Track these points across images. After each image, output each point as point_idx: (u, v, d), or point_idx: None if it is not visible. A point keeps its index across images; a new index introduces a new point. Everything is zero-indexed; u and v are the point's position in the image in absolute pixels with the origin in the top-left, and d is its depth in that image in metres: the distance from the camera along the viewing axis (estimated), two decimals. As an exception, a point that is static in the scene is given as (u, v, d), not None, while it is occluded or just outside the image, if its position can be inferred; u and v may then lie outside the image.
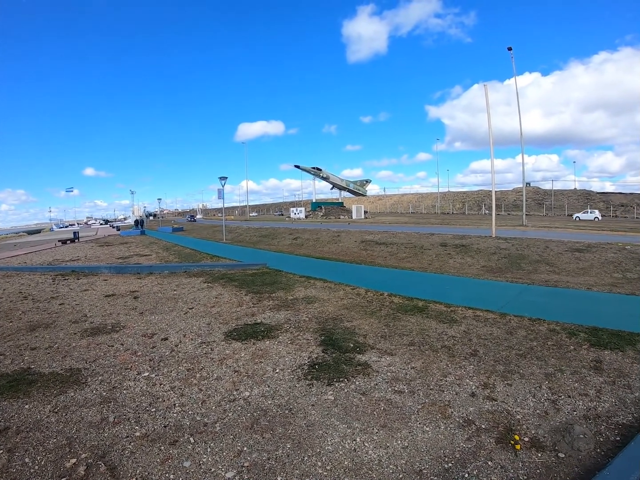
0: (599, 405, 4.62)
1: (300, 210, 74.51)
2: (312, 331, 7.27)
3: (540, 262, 15.90)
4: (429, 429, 4.14)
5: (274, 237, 30.51)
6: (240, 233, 36.26)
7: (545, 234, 25.00)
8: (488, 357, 6.02)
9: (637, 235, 23.92)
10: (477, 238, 21.34)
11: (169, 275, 13.93)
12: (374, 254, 20.39)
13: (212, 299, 10.08)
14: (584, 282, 12.01)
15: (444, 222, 46.97)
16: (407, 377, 5.32)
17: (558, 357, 5.97)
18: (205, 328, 7.66)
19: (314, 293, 10.35)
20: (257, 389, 5.07)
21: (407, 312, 8.37)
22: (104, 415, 4.51)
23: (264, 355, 6.21)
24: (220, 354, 6.34)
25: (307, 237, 27.78)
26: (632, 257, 15.22)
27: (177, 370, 5.74)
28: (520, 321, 7.66)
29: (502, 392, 4.90)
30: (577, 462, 3.64)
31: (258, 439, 3.97)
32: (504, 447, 3.84)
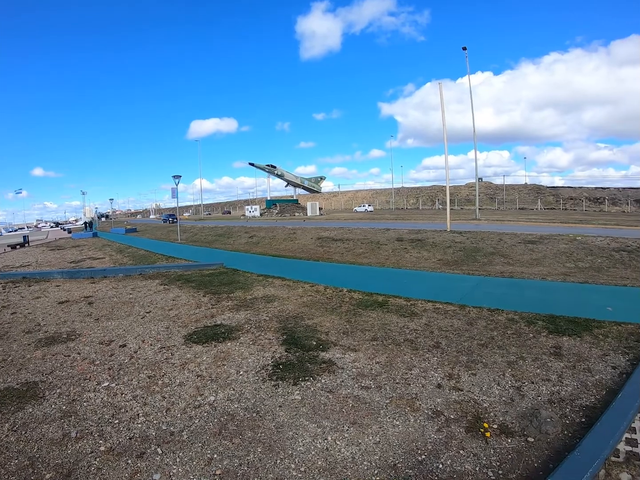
0: (562, 389, 4.96)
1: (255, 209, 74.50)
2: (273, 330, 7.36)
3: (495, 254, 16.56)
4: (399, 423, 4.29)
5: (230, 236, 30.27)
6: (195, 233, 35.68)
7: (498, 227, 25.92)
8: (451, 348, 6.32)
9: (587, 227, 25.26)
10: (433, 232, 21.97)
11: (124, 279, 13.65)
12: (330, 251, 20.62)
13: (169, 301, 9.99)
14: (539, 272, 12.65)
15: (398, 217, 47.88)
16: (373, 373, 5.47)
17: (519, 345, 6.34)
18: (164, 332, 7.59)
19: (273, 292, 10.46)
20: (222, 392, 5.09)
21: (367, 308, 8.61)
22: (66, 431, 4.40)
23: (227, 357, 6.24)
24: (182, 358, 6.30)
25: (263, 235, 27.76)
26: (583, 247, 16.12)
27: (138, 378, 5.67)
28: (479, 312, 8.05)
29: (467, 382, 5.17)
30: (547, 445, 3.91)
31: (228, 445, 3.99)
32: (475, 436, 4.06)
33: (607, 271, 13.22)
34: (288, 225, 32.98)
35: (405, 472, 3.55)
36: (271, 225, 34.39)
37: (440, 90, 25.47)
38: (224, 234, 31.84)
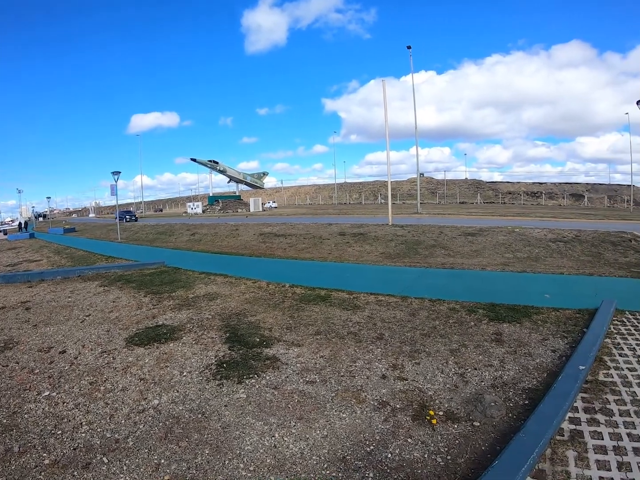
0: (504, 374, 5.14)
1: (197, 205, 73.28)
2: (216, 329, 7.24)
3: (436, 247, 16.97)
4: (345, 416, 4.32)
5: (171, 233, 29.54)
6: (135, 231, 34.54)
7: (439, 220, 26.68)
8: (394, 339, 6.41)
9: (524, 220, 26.37)
10: (375, 226, 22.25)
11: (63, 281, 13.01)
12: (273, 246, 20.54)
13: (109, 303, 9.60)
14: (479, 263, 13.12)
15: (341, 212, 48.44)
16: (317, 367, 5.50)
17: (460, 334, 6.54)
18: (105, 336, 7.28)
19: (215, 289, 10.32)
20: (166, 395, 4.95)
21: (310, 302, 8.63)
22: (8, 446, 4.08)
23: (169, 358, 6.06)
24: (123, 362, 6.05)
25: (205, 233, 27.32)
26: (521, 238, 16.83)
27: (80, 385, 5.37)
28: (421, 303, 8.22)
29: (411, 372, 5.27)
30: (493, 428, 4.03)
31: (174, 449, 3.90)
32: (421, 424, 4.13)
33: (545, 260, 13.86)
34: (230, 222, 32.65)
35: (355, 464, 3.57)
36: (213, 222, 34.00)
37: (383, 88, 25.88)
38: (165, 232, 31.06)
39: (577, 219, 29.58)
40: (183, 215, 63.99)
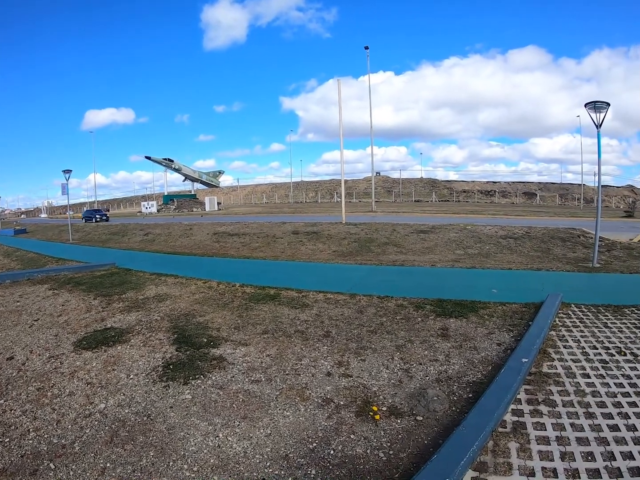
0: (449, 368, 5.22)
1: (151, 205, 71.44)
2: (164, 330, 7.17)
3: (389, 244, 17.20)
4: (289, 414, 4.34)
5: (124, 234, 28.84)
6: (88, 232, 33.52)
7: (393, 218, 27.06)
8: (340, 336, 6.45)
9: (477, 217, 27.00)
10: (328, 225, 22.40)
11: (11, 285, 12.45)
12: (226, 246, 20.46)
13: (58, 307, 9.26)
14: (429, 259, 13.34)
15: (297, 210, 48.60)
16: (263, 366, 5.52)
17: (407, 329, 6.62)
18: (53, 340, 7.01)
19: (165, 290, 10.15)
20: (113, 399, 4.87)
21: (259, 301, 8.60)
22: None
23: (117, 361, 5.93)
24: (71, 366, 5.86)
25: (158, 232, 26.86)
26: (473, 235, 17.27)
27: (27, 391, 5.20)
28: (369, 300, 8.29)
29: (356, 368, 5.31)
30: (436, 422, 4.09)
31: (120, 452, 3.88)
32: (364, 420, 4.15)
33: (495, 256, 14.25)
34: (185, 221, 32.29)
35: (297, 462, 3.59)
36: (167, 222, 33.47)
37: (338, 88, 26.32)
38: (118, 232, 30.36)
39: (529, 217, 30.54)
40: (137, 215, 62.65)
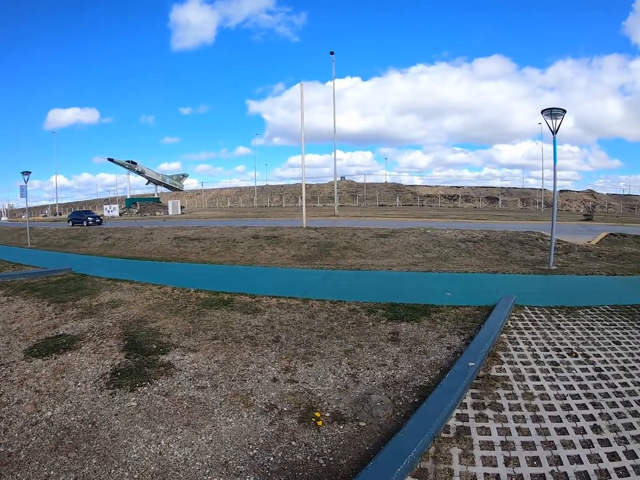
0: (397, 372, 5.19)
1: (113, 208, 69.62)
2: (115, 337, 7.05)
3: (348, 248, 17.28)
4: (232, 420, 4.31)
5: (84, 238, 28.23)
6: (48, 236, 32.60)
7: (355, 222, 27.27)
8: (290, 341, 6.38)
9: (439, 221, 27.36)
10: (289, 229, 22.45)
11: None
12: (187, 250, 20.34)
13: (12, 314, 8.96)
14: (387, 263, 13.40)
15: (260, 215, 48.74)
16: (210, 372, 5.47)
17: (357, 334, 6.58)
18: (4, 348, 6.82)
19: (120, 296, 9.96)
20: (60, 406, 4.79)
21: (212, 307, 8.52)
22: None
23: (66, 369, 5.80)
24: (21, 374, 5.73)
25: (118, 237, 26.34)
26: (432, 239, 17.50)
27: None
28: (322, 304, 8.25)
29: (303, 374, 5.26)
30: (379, 427, 4.04)
31: (64, 460, 3.82)
32: (307, 426, 4.10)
33: (453, 260, 14.45)
34: (146, 226, 31.83)
35: (237, 469, 3.57)
36: (128, 226, 32.94)
37: (301, 92, 26.70)
38: (78, 236, 29.74)
39: (490, 220, 31.17)
40: None
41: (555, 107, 11.71)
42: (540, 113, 11.91)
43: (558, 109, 11.70)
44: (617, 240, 19.45)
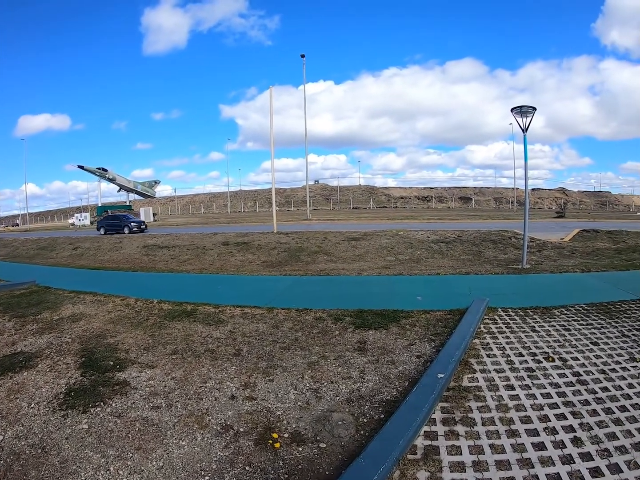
0: (362, 386, 4.88)
1: (85, 217, 68.18)
2: (73, 353, 6.72)
3: (319, 253, 17.11)
4: (184, 443, 4.07)
5: (53, 248, 27.67)
6: (16, 247, 31.81)
7: (328, 226, 27.26)
8: (251, 355, 6.08)
9: (412, 222, 27.41)
10: (260, 234, 22.27)
11: None
12: (155, 259, 20.04)
13: None
14: (358, 267, 13.19)
15: (232, 220, 48.41)
16: (166, 390, 5.22)
17: (323, 344, 6.28)
18: None
19: (82, 309, 9.61)
20: (11, 430, 4.53)
21: (174, 319, 8.22)
22: None
23: (21, 389, 5.51)
24: None
25: (88, 246, 25.88)
26: (404, 241, 17.42)
27: None
28: (287, 313, 7.95)
29: (262, 390, 4.98)
30: (341, 449, 3.75)
31: None
32: (263, 448, 3.83)
33: (426, 261, 14.36)
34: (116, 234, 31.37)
35: None
36: (98, 235, 32.54)
37: (270, 95, 26.67)
38: (47, 246, 29.13)
39: (463, 220, 31.47)
40: (70, 228, 60.47)
41: (524, 105, 11.61)
42: (510, 111, 11.83)
43: (528, 107, 11.66)
44: (590, 236, 19.69)
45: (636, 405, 4.16)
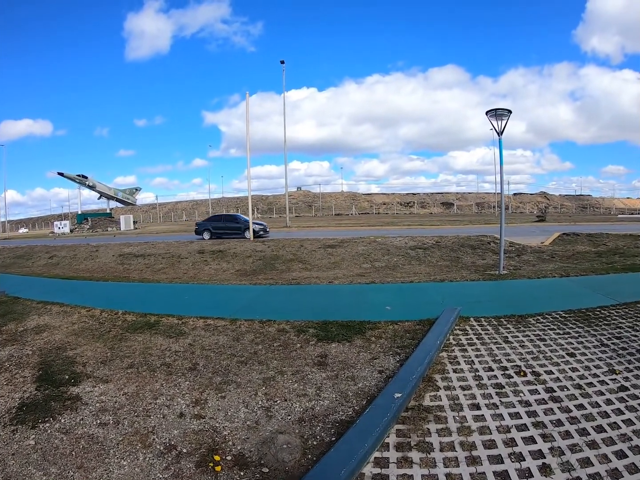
0: (317, 404, 4.62)
1: (64, 224, 67.43)
2: (32, 366, 6.56)
3: (294, 261, 16.93)
4: (126, 463, 3.91)
5: (30, 257, 27.30)
6: None
7: (307, 233, 27.15)
8: (207, 369, 5.85)
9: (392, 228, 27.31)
10: (236, 242, 22.13)
11: None
12: (130, 268, 19.80)
13: None
14: (333, 275, 13.00)
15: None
16: (116, 406, 5.05)
17: (282, 358, 6.02)
18: None
19: (47, 320, 9.42)
20: None
21: (136, 331, 8.01)
22: None
23: None
24: None
25: (64, 255, 25.55)
26: (381, 248, 17.28)
27: None
28: (250, 325, 7.70)
29: (213, 407, 4.78)
30: (284, 474, 3.52)
31: None
32: (204, 471, 3.66)
33: (402, 268, 14.19)
34: (93, 242, 30.94)
35: None
36: (76, 243, 31.87)
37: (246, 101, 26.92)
38: (23, 255, 28.67)
39: (444, 226, 31.67)
40: (49, 236, 59.83)
41: (499, 107, 11.42)
42: (485, 114, 11.65)
43: (503, 110, 11.50)
44: (570, 240, 19.79)
45: (614, 424, 3.84)
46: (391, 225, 31.65)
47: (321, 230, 29.40)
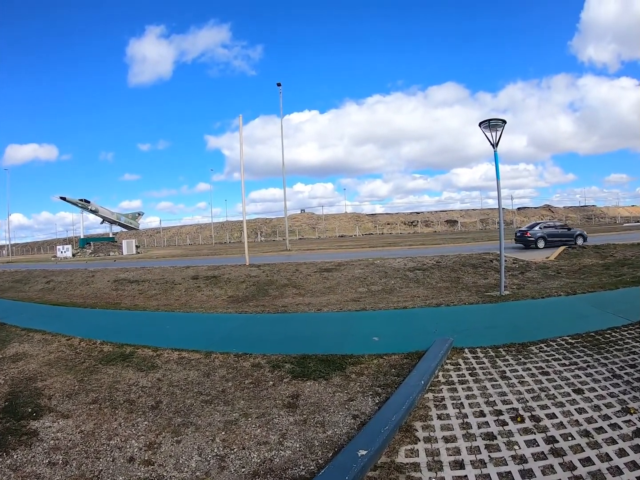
0: (278, 454, 4.17)
1: (66, 249, 68.19)
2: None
3: (288, 286, 16.58)
4: None
5: (27, 281, 27.45)
6: None
7: (307, 256, 26.80)
8: (170, 408, 5.61)
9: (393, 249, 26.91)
10: (231, 267, 21.82)
11: None
12: (124, 294, 19.57)
13: None
14: (326, 301, 12.61)
15: (214, 252, 48.42)
16: (70, 444, 4.86)
17: (250, 398, 5.62)
18: None
19: (26, 348, 9.39)
20: None
21: (109, 363, 7.82)
22: None
23: None
24: None
25: (60, 280, 25.51)
26: (379, 270, 16.88)
27: None
28: (225, 359, 7.30)
29: (165, 453, 4.47)
30: None
31: None
32: None
33: (399, 291, 13.80)
34: (91, 267, 31.06)
35: None
36: (74, 268, 32.06)
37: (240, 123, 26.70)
38: (22, 279, 28.81)
39: (446, 244, 31.40)
40: (51, 260, 60.50)
41: (492, 118, 11.01)
42: (479, 126, 11.18)
43: (497, 120, 11.11)
44: (576, 253, 19.47)
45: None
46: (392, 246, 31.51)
47: (320, 253, 29.21)
